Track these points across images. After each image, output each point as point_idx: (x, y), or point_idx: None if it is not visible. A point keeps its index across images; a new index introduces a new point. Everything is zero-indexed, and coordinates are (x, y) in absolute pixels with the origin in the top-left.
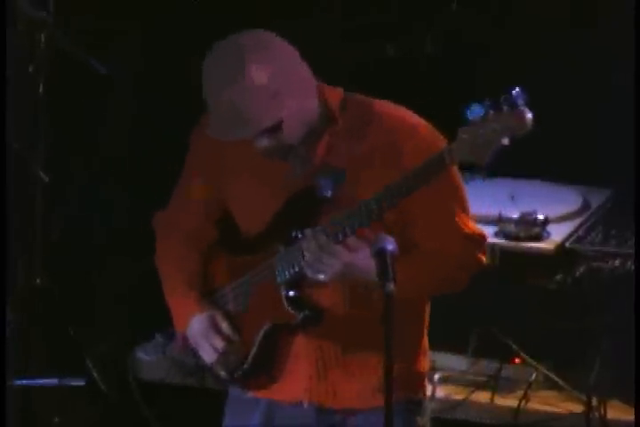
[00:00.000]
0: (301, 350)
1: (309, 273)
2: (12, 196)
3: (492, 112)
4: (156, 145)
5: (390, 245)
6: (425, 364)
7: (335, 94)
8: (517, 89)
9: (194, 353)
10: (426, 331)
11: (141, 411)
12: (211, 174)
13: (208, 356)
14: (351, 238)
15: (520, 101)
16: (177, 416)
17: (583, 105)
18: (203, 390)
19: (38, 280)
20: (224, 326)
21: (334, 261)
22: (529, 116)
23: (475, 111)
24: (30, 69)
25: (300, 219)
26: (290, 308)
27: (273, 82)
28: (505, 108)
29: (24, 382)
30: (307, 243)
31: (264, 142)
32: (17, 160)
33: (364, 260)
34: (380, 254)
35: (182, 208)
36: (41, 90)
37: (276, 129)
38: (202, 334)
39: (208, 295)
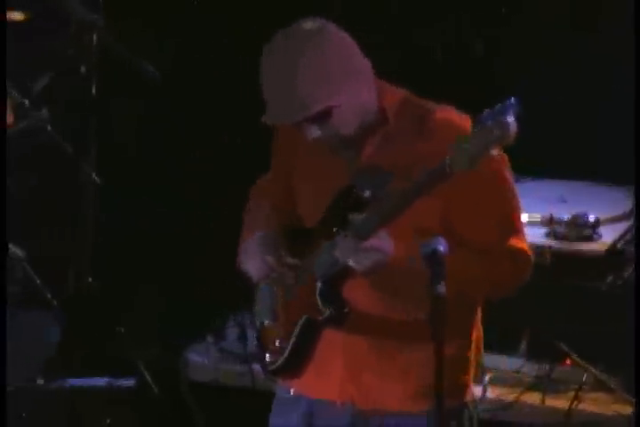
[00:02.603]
0: (335, 348)
1: (342, 265)
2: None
3: (488, 122)
4: (203, 149)
5: (442, 246)
6: (469, 370)
7: (394, 94)
8: (512, 100)
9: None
10: (474, 338)
11: (191, 412)
12: (285, 161)
13: (257, 270)
14: (379, 234)
15: (508, 113)
16: (226, 418)
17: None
18: (251, 392)
19: (90, 279)
20: (281, 249)
21: (363, 257)
22: (513, 129)
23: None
24: (82, 71)
25: (341, 216)
26: (320, 303)
27: (326, 69)
28: (496, 119)
29: (74, 382)
30: (338, 240)
31: (316, 132)
32: (69, 162)
33: (387, 255)
34: (432, 256)
35: (273, 181)
36: (93, 91)
37: (326, 117)
38: (257, 248)
39: None
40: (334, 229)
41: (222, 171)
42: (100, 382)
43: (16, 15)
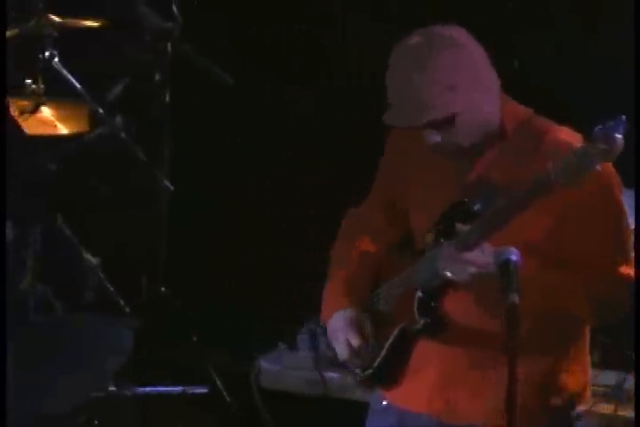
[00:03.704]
0: (428, 359)
1: (448, 275)
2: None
3: (597, 138)
4: (277, 156)
5: (514, 256)
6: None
7: (517, 111)
8: (622, 117)
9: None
10: (575, 356)
11: (262, 420)
12: (396, 176)
13: (341, 351)
14: (483, 246)
15: (617, 130)
16: (297, 426)
17: None
18: (322, 400)
19: (162, 287)
20: (365, 325)
21: (467, 264)
22: (619, 145)
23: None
24: (156, 78)
25: (449, 228)
26: (417, 313)
27: (453, 75)
28: (606, 134)
29: (147, 389)
30: (443, 249)
31: (435, 138)
32: (142, 169)
33: (486, 269)
34: (505, 265)
35: (372, 207)
36: (167, 99)
37: (448, 123)
38: (341, 328)
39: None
40: (441, 241)
41: (297, 178)
42: (173, 389)
43: (91, 23)
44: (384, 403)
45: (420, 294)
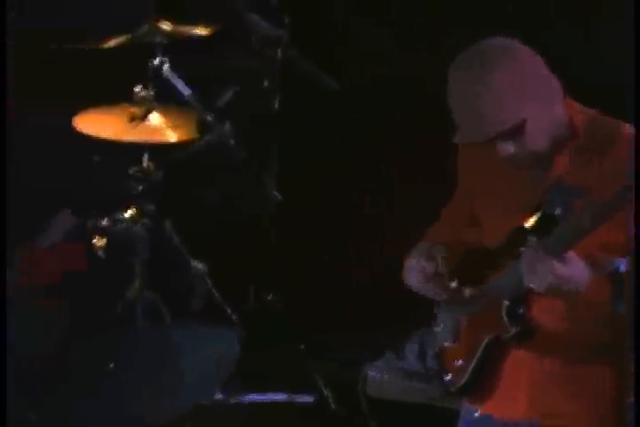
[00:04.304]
0: (521, 368)
1: (525, 282)
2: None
3: None
4: (386, 165)
5: (623, 266)
6: None
7: (583, 111)
8: None
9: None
10: None
11: None
12: (469, 189)
13: (415, 278)
14: (569, 254)
15: None
16: None
17: None
18: (430, 409)
19: (270, 296)
20: (439, 254)
21: (547, 273)
22: None
23: None
24: (265, 85)
25: (531, 235)
26: (506, 321)
27: (515, 85)
28: None
29: (253, 397)
30: (526, 254)
31: (509, 148)
32: (251, 177)
33: (577, 275)
34: (614, 275)
35: (447, 221)
36: (276, 106)
37: (518, 132)
38: (417, 258)
39: None
40: (521, 249)
41: (405, 187)
42: (279, 397)
43: (201, 30)
44: (476, 414)
45: (507, 302)
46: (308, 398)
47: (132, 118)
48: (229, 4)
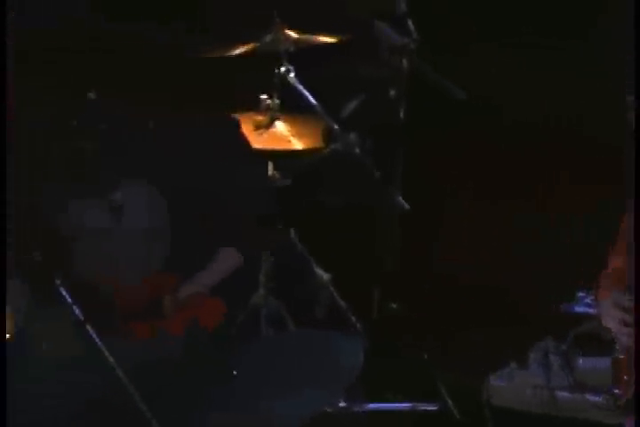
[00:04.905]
0: None
1: None
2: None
3: None
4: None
5: None
6: None
7: None
8: None
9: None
10: None
11: None
12: None
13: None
14: None
15: None
16: None
17: None
18: (554, 420)
19: (394, 305)
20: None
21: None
22: None
23: None
24: (391, 94)
25: None
26: None
27: None
28: None
29: (377, 405)
30: None
31: None
32: (376, 186)
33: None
34: None
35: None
36: (401, 115)
37: None
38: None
39: None
40: None
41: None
42: (403, 405)
43: (328, 39)
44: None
45: None
46: (431, 407)
47: (258, 127)
48: (356, 13)
